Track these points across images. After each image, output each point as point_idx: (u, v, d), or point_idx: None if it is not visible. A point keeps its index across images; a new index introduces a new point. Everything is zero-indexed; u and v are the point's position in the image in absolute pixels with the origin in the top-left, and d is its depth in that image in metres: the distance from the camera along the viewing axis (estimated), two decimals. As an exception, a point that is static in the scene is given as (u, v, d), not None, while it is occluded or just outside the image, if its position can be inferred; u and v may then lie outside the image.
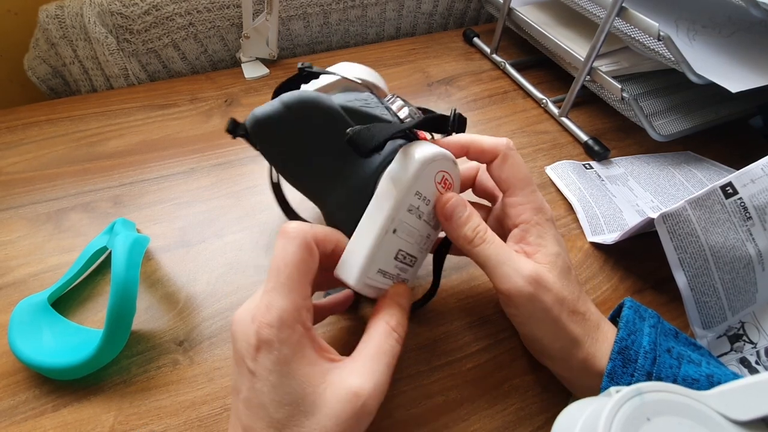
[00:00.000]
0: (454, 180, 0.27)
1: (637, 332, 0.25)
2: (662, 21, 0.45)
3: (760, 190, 0.31)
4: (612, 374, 0.24)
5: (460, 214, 0.26)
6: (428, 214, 0.26)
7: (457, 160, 0.27)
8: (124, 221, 0.36)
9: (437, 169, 0.25)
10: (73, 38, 0.51)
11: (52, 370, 0.29)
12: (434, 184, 0.26)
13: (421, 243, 0.27)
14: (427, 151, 0.24)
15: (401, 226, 0.25)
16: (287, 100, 0.26)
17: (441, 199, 0.26)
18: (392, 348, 0.23)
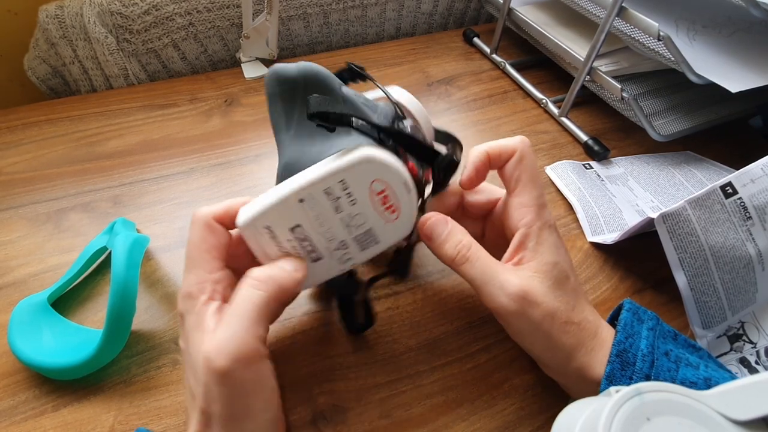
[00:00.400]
0: (400, 204, 0.25)
1: (635, 335, 0.25)
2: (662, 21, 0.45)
3: (760, 189, 0.31)
4: (610, 377, 0.24)
5: (440, 232, 0.26)
6: (349, 215, 0.24)
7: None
8: (124, 221, 0.36)
9: (376, 175, 0.24)
10: (73, 38, 0.51)
11: (52, 370, 0.29)
12: (368, 190, 0.24)
13: (329, 239, 0.25)
14: (376, 154, 0.23)
15: (310, 201, 0.24)
16: (303, 68, 0.27)
17: (422, 219, 0.27)
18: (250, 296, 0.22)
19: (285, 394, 0.29)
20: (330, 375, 0.30)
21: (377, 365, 0.31)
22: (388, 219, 0.25)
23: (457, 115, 0.52)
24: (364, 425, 0.28)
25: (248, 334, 0.21)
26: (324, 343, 0.32)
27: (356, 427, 0.28)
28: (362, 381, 0.30)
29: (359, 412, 0.29)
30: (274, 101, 0.29)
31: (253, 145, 0.47)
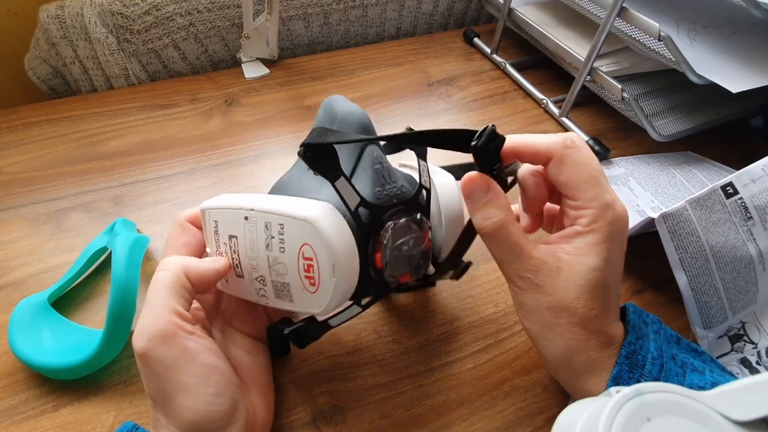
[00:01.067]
0: (319, 282, 0.23)
1: (644, 337, 0.25)
2: (663, 21, 0.45)
3: (761, 190, 0.31)
4: (618, 378, 0.23)
5: (476, 198, 0.24)
6: (275, 259, 0.24)
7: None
8: (124, 221, 0.36)
9: (309, 241, 0.23)
10: (74, 38, 0.51)
11: (52, 370, 0.29)
12: (298, 249, 0.23)
13: (253, 267, 0.25)
14: (321, 222, 0.22)
15: (252, 224, 0.24)
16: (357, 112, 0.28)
17: (465, 177, 0.24)
18: (159, 278, 0.23)
19: (285, 394, 0.29)
20: (330, 375, 0.30)
21: (377, 365, 0.31)
22: (306, 287, 0.24)
23: (457, 116, 0.52)
24: (364, 425, 0.28)
25: (161, 312, 0.22)
26: (324, 343, 0.32)
27: (356, 427, 0.28)
28: (362, 381, 0.30)
29: (359, 412, 0.29)
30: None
31: (254, 145, 0.47)
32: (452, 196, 0.28)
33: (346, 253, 0.23)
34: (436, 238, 0.28)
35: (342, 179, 0.24)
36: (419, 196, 0.27)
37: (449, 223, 0.28)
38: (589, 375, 0.24)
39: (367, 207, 0.25)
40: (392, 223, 0.25)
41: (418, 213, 0.26)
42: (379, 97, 0.54)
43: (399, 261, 0.26)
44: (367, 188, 0.25)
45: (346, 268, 0.23)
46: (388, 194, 0.26)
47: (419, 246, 0.27)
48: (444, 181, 0.29)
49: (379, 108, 0.53)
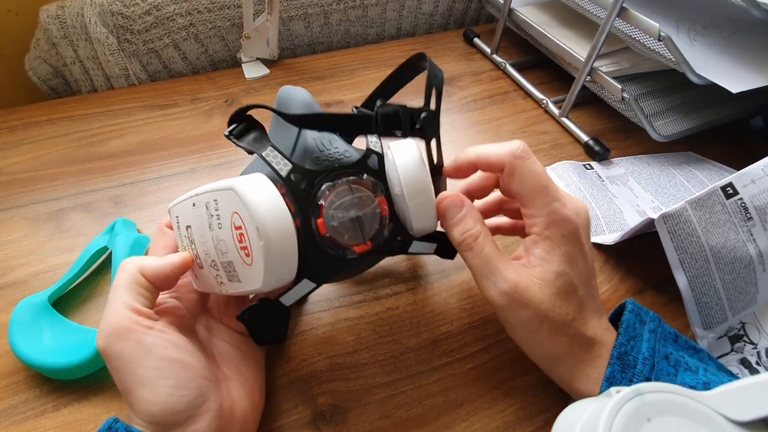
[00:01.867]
0: (252, 249, 0.22)
1: (637, 338, 0.25)
2: (663, 21, 0.45)
3: (761, 190, 0.31)
4: (611, 379, 0.24)
5: (452, 215, 0.26)
6: (217, 237, 0.24)
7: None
8: (124, 221, 0.36)
9: (236, 208, 0.22)
10: (74, 38, 0.51)
11: (52, 370, 0.29)
12: (230, 220, 0.23)
13: (205, 252, 0.25)
14: (241, 187, 0.22)
15: (198, 209, 0.24)
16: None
17: (440, 197, 0.27)
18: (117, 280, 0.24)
19: (285, 394, 0.29)
20: (330, 375, 0.30)
21: (377, 365, 0.31)
22: (245, 260, 0.23)
23: (457, 116, 0.52)
24: (364, 425, 0.28)
25: (118, 309, 0.23)
26: (324, 343, 0.32)
27: (356, 427, 0.28)
28: (362, 381, 0.30)
29: (359, 412, 0.29)
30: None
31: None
32: (411, 158, 0.26)
33: (271, 215, 0.22)
34: (401, 206, 0.26)
35: (270, 149, 0.24)
36: (367, 160, 0.26)
37: (409, 186, 0.25)
38: (578, 378, 0.25)
39: (301, 172, 0.24)
40: (330, 184, 0.24)
41: (365, 174, 0.25)
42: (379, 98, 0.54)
43: (346, 226, 0.25)
44: (305, 157, 0.26)
45: (274, 231, 0.22)
46: (327, 159, 0.25)
47: (369, 209, 0.25)
48: (405, 146, 0.27)
49: (379, 108, 0.53)
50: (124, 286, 0.24)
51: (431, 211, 0.26)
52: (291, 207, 0.23)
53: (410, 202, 0.25)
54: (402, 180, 0.25)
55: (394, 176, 0.26)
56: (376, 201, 0.25)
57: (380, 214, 0.25)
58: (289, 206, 0.23)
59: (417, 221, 0.26)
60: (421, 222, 0.26)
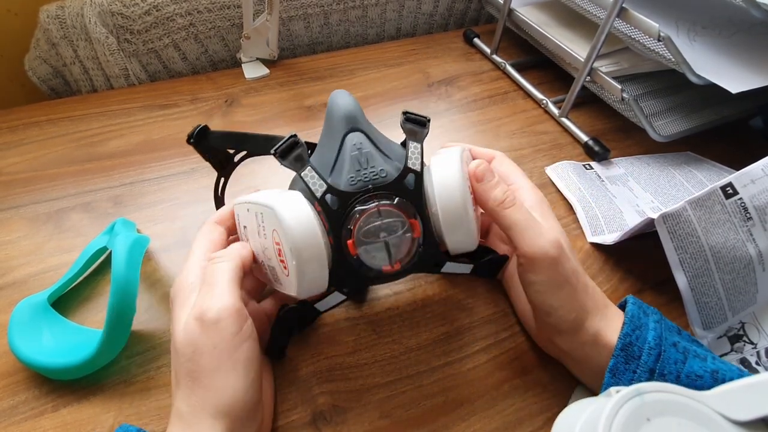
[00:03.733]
0: (288, 265, 0.24)
1: (642, 327, 0.25)
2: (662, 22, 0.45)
3: (761, 190, 0.31)
4: (614, 370, 0.24)
5: (490, 179, 0.27)
6: (263, 245, 0.26)
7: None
8: (124, 221, 0.36)
9: (275, 227, 0.24)
10: (74, 38, 0.51)
11: (51, 370, 0.29)
12: (272, 234, 0.25)
13: (257, 249, 0.27)
14: (281, 207, 0.24)
15: (251, 214, 0.26)
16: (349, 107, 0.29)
17: (473, 164, 0.28)
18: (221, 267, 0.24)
19: (285, 394, 0.29)
20: (330, 375, 0.30)
21: (377, 365, 0.31)
22: (283, 271, 0.25)
23: (457, 116, 0.52)
24: (364, 425, 0.28)
25: (232, 292, 0.23)
26: (324, 343, 0.32)
27: (356, 427, 0.28)
28: (362, 381, 0.30)
29: (359, 412, 0.29)
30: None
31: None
32: (450, 177, 0.26)
33: (304, 238, 0.23)
34: (437, 226, 0.27)
35: (308, 169, 0.25)
36: (403, 180, 0.26)
37: (445, 208, 0.26)
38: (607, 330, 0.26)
39: (335, 194, 0.25)
40: (360, 209, 0.25)
41: (396, 197, 0.25)
42: (379, 98, 0.54)
43: (374, 248, 0.25)
44: (341, 176, 0.26)
45: (306, 253, 0.24)
46: (362, 180, 0.26)
47: (398, 234, 0.25)
48: (445, 162, 0.27)
49: (379, 108, 0.53)
50: (233, 272, 0.24)
51: (470, 232, 0.26)
52: (326, 224, 0.25)
53: (446, 224, 0.26)
54: (438, 202, 0.26)
55: (431, 195, 0.26)
56: (407, 224, 0.25)
57: (413, 236, 0.26)
58: (324, 223, 0.25)
59: (453, 242, 0.27)
60: (458, 243, 0.27)
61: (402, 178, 0.26)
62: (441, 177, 0.26)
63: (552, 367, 0.31)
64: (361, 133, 0.27)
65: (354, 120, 0.27)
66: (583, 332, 0.26)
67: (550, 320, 0.27)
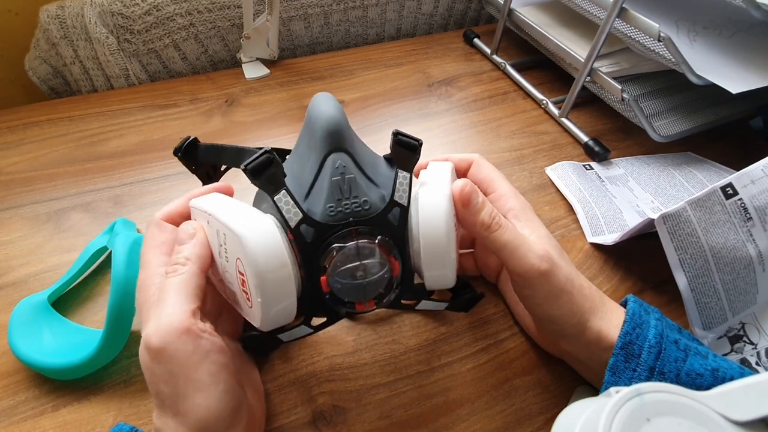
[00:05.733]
0: (251, 297, 0.22)
1: (643, 325, 0.25)
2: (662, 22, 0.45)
3: (761, 191, 0.31)
4: (614, 369, 0.24)
5: (475, 201, 0.26)
6: (223, 266, 0.24)
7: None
8: (124, 221, 0.36)
9: (239, 255, 0.22)
10: (74, 38, 0.51)
11: (52, 370, 0.28)
12: (235, 261, 0.22)
13: (216, 264, 0.25)
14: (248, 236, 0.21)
15: (211, 228, 0.24)
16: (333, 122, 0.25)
17: (457, 185, 0.26)
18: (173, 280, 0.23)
19: (285, 394, 0.29)
20: (330, 375, 0.30)
21: (377, 365, 0.31)
22: (244, 301, 0.23)
23: (457, 116, 0.52)
24: (364, 425, 0.28)
25: (178, 307, 0.22)
26: (324, 343, 0.32)
27: (356, 427, 0.28)
28: (362, 381, 0.30)
29: (359, 413, 0.29)
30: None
31: (254, 145, 0.47)
32: (437, 215, 0.24)
33: (274, 276, 0.21)
34: (417, 264, 0.25)
35: (283, 193, 0.22)
36: (388, 215, 0.24)
37: (427, 245, 0.24)
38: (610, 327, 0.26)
39: (311, 224, 0.23)
40: (337, 246, 0.23)
41: (379, 236, 0.24)
42: (379, 98, 0.54)
43: (349, 288, 0.24)
44: (319, 203, 0.23)
45: (274, 293, 0.22)
46: (343, 211, 0.23)
47: (379, 273, 0.24)
48: (434, 196, 0.25)
49: (380, 108, 0.53)
50: (185, 284, 0.22)
51: (451, 270, 0.25)
52: (297, 256, 0.23)
53: (426, 263, 0.25)
54: (422, 241, 0.24)
55: (415, 232, 0.25)
56: (387, 266, 0.24)
57: (391, 275, 0.24)
58: (296, 255, 0.23)
59: (432, 279, 0.25)
60: (437, 280, 0.26)
61: (386, 212, 0.24)
62: (427, 214, 0.24)
63: (552, 368, 0.31)
64: (345, 154, 0.24)
65: (338, 137, 0.24)
66: (586, 333, 0.26)
67: (553, 328, 0.27)
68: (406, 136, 0.25)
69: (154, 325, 0.21)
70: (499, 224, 0.26)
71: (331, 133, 0.24)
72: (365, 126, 0.50)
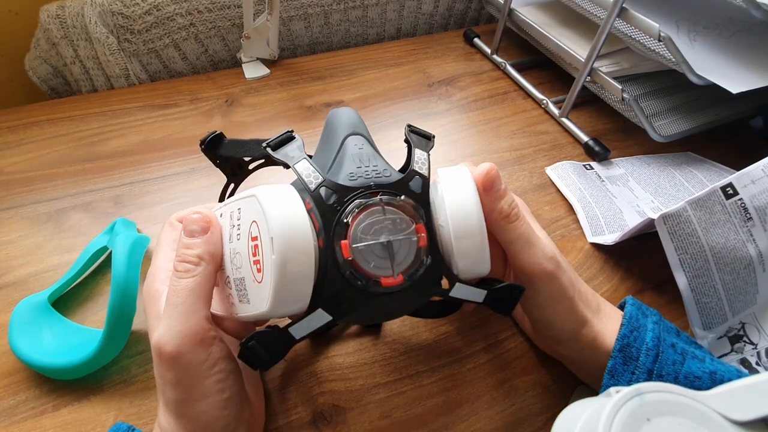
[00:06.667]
0: (263, 263, 0.20)
1: (641, 328, 0.25)
2: (663, 22, 0.45)
3: (761, 190, 0.31)
4: (613, 371, 0.24)
5: (498, 187, 0.25)
6: (234, 249, 0.22)
7: None
8: (124, 221, 0.36)
9: (255, 217, 0.21)
10: (74, 38, 0.51)
11: (52, 370, 0.29)
12: (249, 230, 0.21)
13: (223, 269, 0.23)
14: (263, 195, 0.21)
15: (225, 219, 0.23)
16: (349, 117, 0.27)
17: (480, 169, 0.25)
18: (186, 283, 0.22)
19: (285, 394, 0.29)
20: (330, 375, 0.30)
21: (377, 365, 0.31)
22: (255, 277, 0.21)
23: (457, 116, 0.52)
24: (364, 425, 0.28)
25: (194, 313, 0.21)
26: (324, 343, 0.32)
27: (356, 427, 0.28)
28: (362, 381, 0.30)
29: (359, 412, 0.29)
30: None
31: (254, 145, 0.47)
32: (462, 185, 0.23)
33: (287, 226, 0.20)
34: (445, 240, 0.23)
35: (303, 161, 0.22)
36: (410, 182, 0.23)
37: (456, 217, 0.22)
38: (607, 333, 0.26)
39: (331, 187, 0.22)
40: (362, 201, 0.21)
41: (402, 195, 0.22)
42: (380, 98, 0.54)
43: (373, 251, 0.21)
44: (340, 172, 0.23)
45: (288, 243, 0.20)
46: (363, 176, 0.22)
47: (403, 235, 0.22)
48: (455, 172, 0.24)
49: (380, 108, 0.53)
50: (199, 287, 0.21)
51: (484, 251, 0.23)
52: (316, 223, 0.22)
53: (456, 239, 0.22)
54: (448, 209, 0.22)
55: (439, 204, 0.23)
56: (413, 227, 0.22)
57: (417, 245, 0.22)
58: (315, 223, 0.21)
59: (463, 262, 0.23)
60: (469, 263, 0.23)
61: (408, 180, 0.23)
62: (451, 184, 0.23)
63: (552, 368, 0.31)
64: (363, 138, 0.25)
65: (356, 125, 0.26)
66: (582, 338, 0.26)
67: (549, 332, 0.27)
68: (420, 129, 0.27)
69: (167, 330, 0.21)
70: (518, 216, 0.25)
71: (349, 124, 0.26)
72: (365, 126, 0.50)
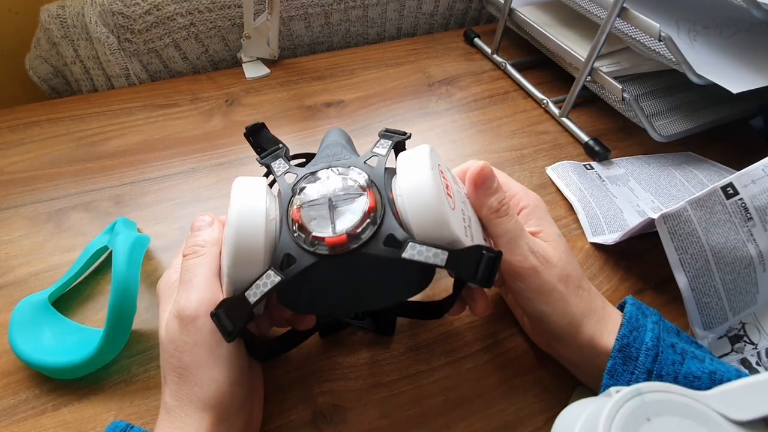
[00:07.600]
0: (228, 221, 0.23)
1: (640, 328, 0.25)
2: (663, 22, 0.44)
3: (761, 190, 0.31)
4: (612, 371, 0.24)
5: (490, 184, 0.26)
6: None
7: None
8: (124, 221, 0.36)
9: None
10: (75, 38, 0.51)
11: (52, 370, 0.29)
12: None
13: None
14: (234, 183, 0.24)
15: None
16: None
17: (474, 166, 0.26)
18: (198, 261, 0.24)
19: (285, 394, 0.29)
20: (330, 375, 0.30)
21: (377, 365, 0.31)
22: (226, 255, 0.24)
23: (457, 116, 0.52)
24: (364, 425, 0.28)
25: (208, 288, 0.23)
26: (324, 343, 0.32)
27: (356, 427, 0.28)
28: (362, 381, 0.30)
29: (359, 412, 0.29)
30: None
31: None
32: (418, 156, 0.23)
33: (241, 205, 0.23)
34: (401, 208, 0.23)
35: (280, 160, 0.26)
36: (366, 161, 0.25)
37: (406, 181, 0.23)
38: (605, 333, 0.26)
39: (295, 172, 0.25)
40: (310, 171, 0.25)
41: (352, 166, 0.24)
42: (380, 97, 0.54)
43: (315, 209, 0.22)
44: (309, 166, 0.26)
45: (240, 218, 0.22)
46: (325, 162, 0.25)
47: (347, 193, 0.23)
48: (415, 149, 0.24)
49: (380, 108, 0.53)
50: (209, 263, 0.24)
51: (437, 212, 0.22)
52: (281, 203, 0.24)
53: (408, 197, 0.22)
54: (399, 174, 0.23)
55: (396, 176, 0.24)
56: (361, 191, 0.23)
57: (367, 209, 0.22)
58: (279, 202, 0.24)
59: (417, 221, 0.22)
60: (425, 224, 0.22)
61: (365, 158, 0.25)
62: (406, 156, 0.24)
63: (552, 367, 0.31)
64: (339, 144, 0.27)
65: (337, 139, 0.29)
66: (579, 336, 0.26)
67: (542, 326, 0.27)
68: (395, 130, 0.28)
69: (185, 298, 0.23)
70: (507, 212, 0.26)
71: (331, 141, 0.28)
72: (365, 126, 0.50)
